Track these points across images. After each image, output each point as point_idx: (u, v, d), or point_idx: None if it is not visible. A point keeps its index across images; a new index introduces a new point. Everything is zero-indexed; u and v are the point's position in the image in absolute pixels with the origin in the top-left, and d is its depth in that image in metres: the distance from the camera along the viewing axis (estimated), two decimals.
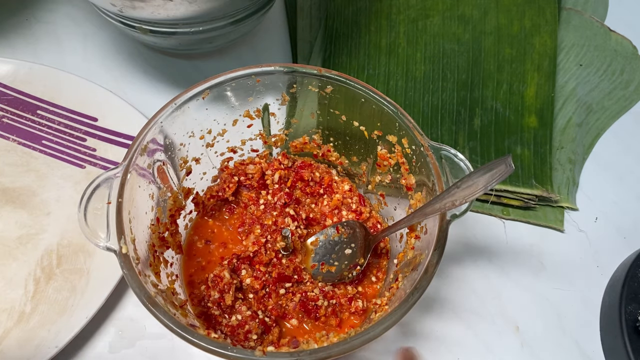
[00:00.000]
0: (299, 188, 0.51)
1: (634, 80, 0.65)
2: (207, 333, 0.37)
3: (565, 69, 0.64)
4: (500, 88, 0.61)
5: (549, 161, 0.57)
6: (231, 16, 0.53)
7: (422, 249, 0.41)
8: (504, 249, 0.54)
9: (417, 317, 0.50)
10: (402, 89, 0.61)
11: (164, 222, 0.45)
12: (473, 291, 0.51)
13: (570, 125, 0.60)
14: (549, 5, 0.65)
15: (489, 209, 0.56)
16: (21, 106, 0.57)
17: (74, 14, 0.67)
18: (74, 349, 0.46)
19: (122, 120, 0.56)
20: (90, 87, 0.57)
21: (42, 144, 0.56)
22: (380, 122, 0.46)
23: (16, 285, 0.48)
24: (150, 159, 0.43)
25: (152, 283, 0.38)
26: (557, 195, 0.55)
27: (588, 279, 0.53)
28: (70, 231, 0.50)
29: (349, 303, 0.46)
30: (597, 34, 0.66)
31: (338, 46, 0.63)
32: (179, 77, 0.63)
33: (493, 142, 0.58)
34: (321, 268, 0.47)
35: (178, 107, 0.43)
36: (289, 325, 0.46)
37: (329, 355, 0.34)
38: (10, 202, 0.52)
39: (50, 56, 0.63)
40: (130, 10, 0.49)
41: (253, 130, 0.50)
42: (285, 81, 0.47)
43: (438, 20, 0.64)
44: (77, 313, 0.45)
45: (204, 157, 0.49)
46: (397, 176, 0.47)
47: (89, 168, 0.54)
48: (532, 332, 0.50)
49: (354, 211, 0.50)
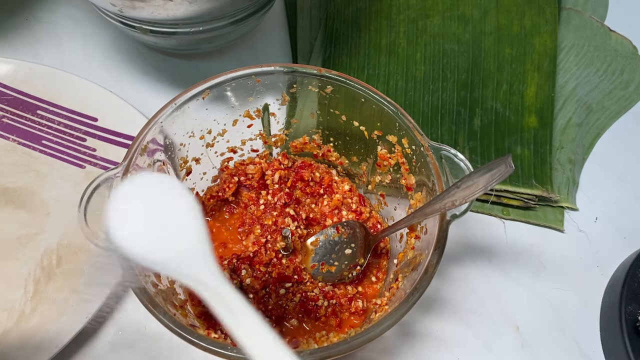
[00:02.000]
0: (299, 188, 0.51)
1: (634, 80, 0.65)
2: (207, 333, 0.37)
3: (565, 69, 0.64)
4: (500, 88, 0.61)
5: (549, 161, 0.57)
6: (231, 16, 0.53)
7: (422, 249, 0.41)
8: (504, 249, 0.54)
9: (417, 317, 0.50)
10: (402, 89, 0.61)
11: None
12: (473, 291, 0.51)
13: (570, 125, 0.60)
14: (549, 5, 0.65)
15: (489, 209, 0.56)
16: (21, 106, 0.57)
17: (74, 14, 0.67)
18: (74, 349, 0.46)
19: (122, 120, 0.56)
20: (90, 87, 0.57)
21: (42, 144, 0.56)
22: (380, 122, 0.46)
23: (16, 285, 0.48)
24: (150, 159, 0.43)
25: (152, 283, 0.38)
26: (557, 195, 0.55)
27: (588, 279, 0.53)
28: (70, 231, 0.50)
29: (349, 303, 0.46)
30: (597, 34, 0.66)
31: (338, 46, 0.63)
32: (179, 77, 0.63)
33: (493, 142, 0.58)
34: (321, 268, 0.47)
35: (178, 107, 0.43)
36: (289, 325, 0.46)
37: (329, 355, 0.34)
38: (10, 202, 0.52)
39: (50, 56, 0.63)
40: (130, 10, 0.49)
41: (253, 130, 0.50)
42: (285, 81, 0.47)
43: (438, 20, 0.64)
44: (77, 313, 0.45)
45: (204, 157, 0.49)
46: (397, 176, 0.47)
47: (89, 168, 0.54)
48: (532, 332, 0.50)
49: (354, 211, 0.50)
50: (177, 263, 0.28)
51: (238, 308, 0.27)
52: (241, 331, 0.26)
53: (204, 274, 0.28)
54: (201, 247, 0.28)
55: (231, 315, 0.27)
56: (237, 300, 0.27)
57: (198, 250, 0.28)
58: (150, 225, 0.28)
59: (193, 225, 0.28)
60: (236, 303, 0.27)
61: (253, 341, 0.26)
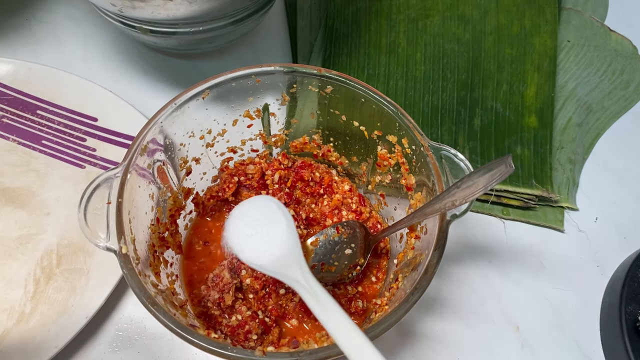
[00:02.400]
0: (299, 188, 0.51)
1: (634, 80, 0.65)
2: (207, 333, 0.37)
3: (565, 69, 0.64)
4: (500, 88, 0.61)
5: (549, 161, 0.57)
6: (231, 16, 0.53)
7: (422, 249, 0.41)
8: (504, 249, 0.54)
9: (417, 317, 0.50)
10: (402, 89, 0.61)
11: (164, 222, 0.45)
12: (473, 291, 0.51)
13: (570, 125, 0.60)
14: (549, 5, 0.65)
15: (489, 209, 0.56)
16: (21, 106, 0.57)
17: (74, 14, 0.67)
18: (74, 349, 0.46)
19: (122, 120, 0.56)
20: (90, 87, 0.57)
21: (42, 144, 0.56)
22: (380, 122, 0.46)
23: (16, 285, 0.48)
24: (150, 159, 0.43)
25: (152, 283, 0.38)
26: (557, 195, 0.55)
27: (588, 279, 0.53)
28: (70, 231, 0.50)
29: (349, 303, 0.46)
30: (597, 34, 0.66)
31: (338, 46, 0.63)
32: (179, 77, 0.63)
33: (493, 142, 0.58)
34: (321, 268, 0.47)
35: (178, 107, 0.43)
36: (289, 325, 0.46)
37: (329, 355, 0.34)
38: (10, 202, 0.52)
39: (50, 56, 0.63)
40: (130, 10, 0.49)
41: (253, 130, 0.50)
42: (285, 81, 0.47)
43: (438, 20, 0.64)
44: (77, 313, 0.45)
45: (204, 157, 0.49)
46: (397, 176, 0.47)
47: (89, 168, 0.54)
48: (532, 332, 0.50)
49: (354, 211, 0.50)
50: (278, 266, 0.35)
51: (327, 303, 0.32)
52: (331, 323, 0.32)
53: (297, 274, 0.35)
54: (296, 253, 0.36)
55: (322, 309, 0.32)
56: (325, 296, 0.33)
57: (293, 255, 0.36)
58: (257, 237, 0.36)
59: (289, 235, 0.36)
60: (325, 298, 0.33)
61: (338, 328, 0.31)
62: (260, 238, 0.36)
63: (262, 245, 0.36)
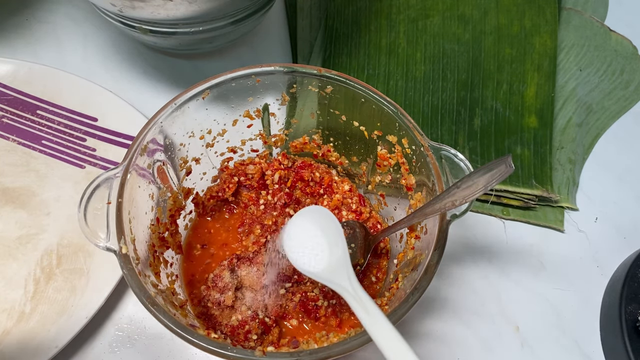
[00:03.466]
0: (299, 188, 0.51)
1: (634, 80, 0.65)
2: (207, 333, 0.37)
3: (565, 69, 0.64)
4: (500, 88, 0.61)
5: (549, 161, 0.57)
6: (231, 16, 0.53)
7: (422, 249, 0.41)
8: (504, 249, 0.54)
9: (417, 317, 0.50)
10: (402, 89, 0.61)
11: (164, 222, 0.45)
12: (473, 291, 0.51)
13: (570, 125, 0.60)
14: (549, 5, 0.65)
15: (489, 209, 0.56)
16: (21, 106, 0.57)
17: (74, 14, 0.67)
18: (74, 349, 0.46)
19: (122, 120, 0.56)
20: (90, 87, 0.57)
21: (42, 144, 0.56)
22: (380, 122, 0.46)
23: (16, 285, 0.48)
24: (150, 159, 0.43)
25: (152, 283, 0.38)
26: (557, 195, 0.55)
27: (588, 279, 0.53)
28: (70, 231, 0.50)
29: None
30: (597, 34, 0.66)
31: (338, 46, 0.63)
32: (179, 77, 0.63)
33: (493, 142, 0.58)
34: None
35: (178, 107, 0.43)
36: (289, 325, 0.46)
37: (329, 355, 0.34)
38: (10, 202, 0.52)
39: (50, 56, 0.63)
40: (130, 10, 0.49)
41: (253, 130, 0.50)
42: (285, 81, 0.47)
43: (438, 20, 0.64)
44: (77, 313, 0.45)
45: (203, 157, 0.49)
46: (397, 176, 0.47)
47: (89, 168, 0.54)
48: (532, 332, 0.50)
49: (354, 211, 0.50)
50: (327, 273, 0.38)
51: (372, 310, 0.34)
52: (376, 330, 0.33)
53: (346, 282, 0.36)
54: (343, 261, 0.38)
55: (367, 316, 0.34)
56: (371, 304, 0.34)
57: (341, 263, 0.38)
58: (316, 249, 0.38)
59: (337, 244, 0.38)
60: (371, 306, 0.34)
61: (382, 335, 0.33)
62: (318, 249, 0.38)
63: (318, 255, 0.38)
